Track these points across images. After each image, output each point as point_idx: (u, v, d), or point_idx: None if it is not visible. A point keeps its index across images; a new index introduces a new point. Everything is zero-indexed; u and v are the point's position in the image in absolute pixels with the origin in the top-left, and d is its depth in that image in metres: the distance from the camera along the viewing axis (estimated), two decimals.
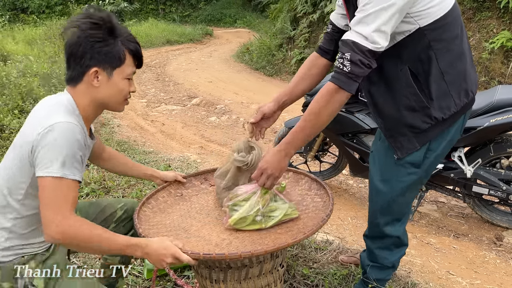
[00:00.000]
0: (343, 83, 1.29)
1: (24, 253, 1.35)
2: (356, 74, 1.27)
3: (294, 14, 8.57)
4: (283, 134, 3.32)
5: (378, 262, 1.83)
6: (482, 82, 5.19)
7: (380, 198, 1.68)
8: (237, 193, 1.55)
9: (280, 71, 8.50)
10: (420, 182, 1.63)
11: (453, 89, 1.44)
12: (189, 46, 13.54)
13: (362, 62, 1.26)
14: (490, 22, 5.25)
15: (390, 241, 1.76)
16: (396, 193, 1.62)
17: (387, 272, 1.85)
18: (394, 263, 1.83)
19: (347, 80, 1.29)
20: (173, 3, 21.05)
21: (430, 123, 1.46)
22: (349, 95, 1.32)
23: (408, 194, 1.64)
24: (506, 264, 2.37)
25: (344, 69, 1.28)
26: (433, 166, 1.59)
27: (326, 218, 1.47)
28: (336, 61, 1.32)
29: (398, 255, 1.82)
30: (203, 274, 1.56)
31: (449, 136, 1.52)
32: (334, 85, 1.31)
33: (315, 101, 1.35)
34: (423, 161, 1.54)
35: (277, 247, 1.31)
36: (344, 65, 1.27)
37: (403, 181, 1.59)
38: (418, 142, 1.50)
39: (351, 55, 1.25)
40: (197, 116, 5.84)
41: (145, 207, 1.70)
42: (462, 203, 3.00)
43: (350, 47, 1.26)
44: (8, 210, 1.32)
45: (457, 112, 1.47)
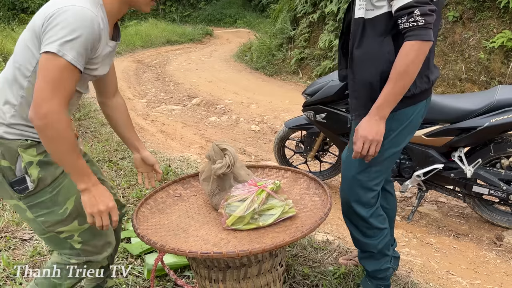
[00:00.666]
0: (424, 35, 1.36)
1: (28, 137, 1.33)
2: (430, 22, 1.36)
3: (294, 14, 8.57)
4: (283, 134, 3.32)
5: (363, 249, 1.85)
6: (482, 82, 5.19)
7: (344, 174, 1.74)
8: (233, 194, 1.55)
9: (280, 71, 8.50)
10: (375, 167, 1.65)
11: (420, 72, 1.49)
12: (189, 46, 13.55)
13: (431, 10, 1.35)
14: (490, 22, 5.25)
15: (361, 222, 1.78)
16: (352, 172, 1.69)
17: (380, 262, 1.84)
18: (379, 248, 1.81)
19: (426, 31, 1.36)
20: (173, 3, 21.06)
21: None
22: (431, 43, 1.40)
23: (361, 177, 1.67)
24: (506, 264, 2.36)
25: (419, 23, 1.35)
26: (391, 150, 1.62)
27: (324, 216, 1.46)
28: (404, 23, 1.37)
29: (376, 240, 1.81)
30: (202, 274, 1.55)
31: (407, 119, 1.58)
32: (416, 41, 1.37)
33: (400, 60, 1.40)
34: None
35: (275, 246, 1.31)
36: (417, 20, 1.35)
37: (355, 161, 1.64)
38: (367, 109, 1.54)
39: (420, 10, 1.34)
40: (197, 116, 5.83)
41: (144, 207, 1.70)
42: (462, 203, 2.99)
43: (413, 6, 1.34)
44: (16, 87, 1.31)
45: (415, 94, 1.54)
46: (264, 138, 4.80)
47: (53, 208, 1.38)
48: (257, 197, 1.50)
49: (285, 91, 7.00)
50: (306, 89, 3.00)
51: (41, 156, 1.35)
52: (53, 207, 1.38)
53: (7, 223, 2.65)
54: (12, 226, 2.63)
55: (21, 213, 1.40)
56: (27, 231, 2.59)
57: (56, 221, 1.39)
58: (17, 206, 1.39)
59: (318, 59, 7.69)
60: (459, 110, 2.42)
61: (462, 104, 2.44)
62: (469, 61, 5.39)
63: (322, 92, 2.81)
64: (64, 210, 1.39)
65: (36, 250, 2.38)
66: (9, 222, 2.65)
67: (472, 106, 2.41)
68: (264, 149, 4.42)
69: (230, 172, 1.65)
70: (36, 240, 2.50)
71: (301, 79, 7.84)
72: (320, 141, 3.21)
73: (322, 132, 3.06)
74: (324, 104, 2.83)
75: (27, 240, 2.52)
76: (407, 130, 1.62)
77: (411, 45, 1.38)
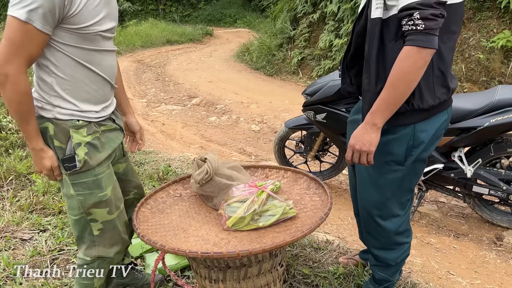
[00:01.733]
0: (423, 41, 1.28)
1: (80, 118, 1.43)
2: (432, 27, 1.27)
3: (294, 14, 8.57)
4: (283, 134, 3.32)
5: (379, 260, 1.82)
6: (482, 82, 5.19)
7: (372, 197, 1.67)
8: (233, 195, 1.55)
9: (280, 71, 8.50)
10: (409, 181, 1.61)
11: (436, 82, 1.44)
12: (189, 46, 13.54)
13: (434, 14, 1.26)
14: (490, 22, 5.25)
15: (387, 236, 1.73)
16: (387, 194, 1.62)
17: (394, 274, 1.82)
18: (398, 261, 1.79)
19: (426, 37, 1.28)
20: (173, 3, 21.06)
21: (405, 108, 1.44)
22: (433, 51, 1.31)
23: (398, 193, 1.63)
24: (506, 264, 2.36)
25: (419, 28, 1.27)
26: (420, 164, 1.58)
27: (324, 216, 1.46)
28: (405, 26, 1.30)
29: (397, 254, 1.78)
30: (202, 274, 1.55)
31: (433, 129, 1.51)
32: (413, 47, 1.29)
33: (396, 66, 1.34)
34: (406, 159, 1.54)
35: (275, 246, 1.30)
36: (416, 24, 1.27)
37: (389, 179, 1.59)
38: (387, 123, 1.46)
39: (420, 13, 1.26)
40: (197, 116, 5.83)
41: (144, 207, 1.70)
42: (462, 203, 2.99)
43: (415, 8, 1.26)
44: (42, 72, 1.38)
45: (435, 106, 1.46)
46: (264, 138, 4.80)
47: (95, 190, 1.49)
48: (257, 198, 1.50)
49: (285, 91, 7.00)
50: (306, 89, 3.00)
51: (90, 138, 1.45)
52: (95, 189, 1.49)
53: (7, 223, 2.65)
54: (12, 226, 2.63)
55: (66, 188, 1.49)
56: (27, 231, 2.59)
57: (93, 203, 1.49)
58: (64, 181, 1.49)
59: (318, 59, 7.69)
60: (459, 110, 2.42)
61: (462, 104, 2.44)
62: (469, 61, 5.39)
63: (322, 92, 2.81)
64: (104, 194, 1.51)
65: (36, 250, 2.38)
66: (9, 222, 2.65)
67: (472, 106, 2.41)
68: (264, 149, 4.42)
69: (213, 175, 1.68)
70: (36, 240, 2.50)
71: (301, 79, 7.84)
72: (320, 141, 3.21)
73: (322, 132, 3.06)
74: (324, 104, 2.83)
75: (27, 240, 2.52)
76: (431, 145, 1.55)
77: (407, 50, 1.30)
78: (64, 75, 1.38)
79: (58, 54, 1.35)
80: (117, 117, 1.64)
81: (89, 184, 1.48)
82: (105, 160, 1.52)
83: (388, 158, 1.55)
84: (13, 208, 2.82)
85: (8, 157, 3.62)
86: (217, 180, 1.68)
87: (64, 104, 1.40)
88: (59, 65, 1.36)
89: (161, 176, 3.34)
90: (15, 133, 4.13)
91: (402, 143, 1.51)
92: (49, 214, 2.79)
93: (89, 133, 1.45)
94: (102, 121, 1.52)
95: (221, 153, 4.34)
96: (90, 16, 1.33)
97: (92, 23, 1.35)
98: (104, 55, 1.46)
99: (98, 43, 1.41)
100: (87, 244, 1.59)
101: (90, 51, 1.40)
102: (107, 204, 1.53)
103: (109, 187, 1.53)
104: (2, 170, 3.30)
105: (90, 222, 1.53)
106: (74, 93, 1.41)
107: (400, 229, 1.70)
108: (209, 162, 1.69)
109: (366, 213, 1.72)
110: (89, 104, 1.45)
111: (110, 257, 1.63)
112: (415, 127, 1.49)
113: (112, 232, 1.59)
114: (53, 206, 2.84)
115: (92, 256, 1.59)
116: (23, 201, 2.91)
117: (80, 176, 1.46)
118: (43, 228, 2.63)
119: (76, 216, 1.52)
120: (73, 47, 1.35)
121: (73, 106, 1.41)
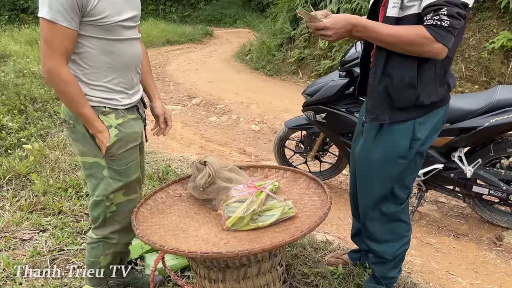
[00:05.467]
0: (442, 37, 1.31)
1: (106, 105, 1.54)
2: (455, 26, 1.30)
3: (294, 14, 8.56)
4: (283, 134, 3.32)
5: (377, 255, 1.83)
6: (482, 82, 5.19)
7: (375, 190, 1.71)
8: (232, 195, 1.55)
9: (280, 71, 8.49)
10: (409, 174, 1.66)
11: (438, 79, 1.50)
12: (189, 46, 13.54)
13: (460, 14, 1.29)
14: (490, 22, 5.24)
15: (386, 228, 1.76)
16: (388, 187, 1.67)
17: (392, 270, 1.84)
18: (396, 255, 1.80)
19: (446, 34, 1.31)
20: (173, 3, 21.05)
21: (409, 103, 1.50)
22: (446, 49, 1.34)
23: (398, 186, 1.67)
24: (506, 264, 2.36)
25: (443, 24, 1.29)
26: (419, 157, 1.63)
27: (323, 216, 1.46)
28: (429, 20, 1.32)
29: (396, 246, 1.79)
30: (202, 274, 1.55)
31: (432, 124, 1.57)
32: (431, 36, 1.31)
33: (402, 31, 1.35)
34: (409, 152, 1.58)
35: (274, 245, 1.31)
36: (442, 20, 1.29)
37: (392, 172, 1.63)
38: (390, 117, 1.54)
39: (448, 10, 1.28)
40: (197, 116, 5.83)
41: (143, 207, 1.70)
42: (462, 203, 2.99)
43: (443, 4, 1.28)
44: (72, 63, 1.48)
45: (436, 102, 1.52)
46: (264, 138, 4.79)
47: (123, 178, 1.61)
48: (257, 198, 1.50)
49: (285, 91, 7.00)
50: (306, 89, 3.00)
51: (120, 121, 1.56)
52: (124, 177, 1.62)
53: (7, 223, 2.65)
54: (12, 226, 2.63)
55: (97, 169, 1.59)
56: (27, 231, 2.59)
57: (118, 187, 1.61)
58: (96, 164, 1.59)
59: (318, 59, 7.68)
60: (459, 110, 2.42)
61: (462, 104, 2.44)
62: (469, 61, 5.39)
63: (322, 92, 2.81)
64: (129, 182, 1.64)
65: (36, 250, 2.38)
66: (9, 222, 2.65)
67: (472, 106, 2.41)
68: (264, 149, 4.42)
69: (215, 178, 1.69)
70: (36, 240, 2.50)
71: (301, 79, 7.83)
72: (320, 141, 3.21)
73: (322, 132, 3.06)
74: (324, 104, 2.83)
75: (27, 240, 2.52)
76: (430, 138, 1.61)
77: (424, 33, 1.32)
78: (89, 66, 1.48)
79: (83, 47, 1.45)
80: (140, 107, 1.73)
81: (120, 171, 1.60)
82: (134, 148, 1.63)
83: (393, 151, 1.60)
84: (13, 208, 2.82)
85: (8, 157, 3.62)
86: (218, 183, 1.68)
87: (91, 93, 1.51)
88: (84, 57, 1.46)
89: (161, 176, 3.34)
90: (15, 133, 4.13)
91: (405, 136, 1.56)
92: (49, 214, 2.79)
93: (118, 118, 1.56)
94: (128, 109, 1.61)
95: (221, 153, 4.34)
96: (108, 7, 1.41)
97: (110, 13, 1.42)
98: (126, 44, 1.53)
99: (120, 32, 1.49)
100: (99, 223, 1.69)
101: (112, 41, 1.48)
102: (125, 187, 1.64)
103: (135, 175, 1.66)
104: (2, 170, 3.30)
105: (108, 205, 1.64)
106: (100, 82, 1.51)
107: (400, 220, 1.75)
108: (210, 165, 1.69)
109: (367, 206, 1.75)
110: (114, 93, 1.55)
111: (114, 242, 1.71)
112: (415, 121, 1.54)
113: (124, 214, 1.68)
114: (53, 206, 2.83)
115: (99, 235, 1.70)
116: (23, 201, 2.91)
117: (116, 161, 1.58)
118: (43, 228, 2.63)
119: (98, 197, 1.62)
120: (95, 38, 1.44)
121: (100, 94, 1.52)
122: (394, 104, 1.52)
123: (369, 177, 1.71)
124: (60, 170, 3.35)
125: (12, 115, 4.50)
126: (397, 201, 1.71)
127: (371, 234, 1.82)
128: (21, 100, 4.92)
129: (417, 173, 1.72)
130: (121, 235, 1.73)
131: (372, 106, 1.58)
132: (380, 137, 1.61)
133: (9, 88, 5.05)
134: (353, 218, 2.08)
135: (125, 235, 1.75)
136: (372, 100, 1.57)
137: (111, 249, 1.74)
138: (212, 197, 1.69)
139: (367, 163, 1.69)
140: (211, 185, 1.68)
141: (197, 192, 1.72)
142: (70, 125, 1.57)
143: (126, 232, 1.74)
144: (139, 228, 1.51)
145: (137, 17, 1.58)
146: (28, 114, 4.68)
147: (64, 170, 3.38)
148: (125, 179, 1.62)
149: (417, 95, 1.48)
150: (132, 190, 1.68)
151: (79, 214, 2.78)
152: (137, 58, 1.61)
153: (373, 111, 1.57)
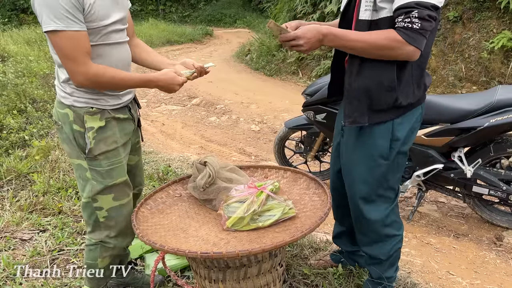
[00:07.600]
0: (414, 39, 1.32)
1: (93, 105, 1.53)
2: (426, 29, 1.31)
3: (294, 14, 8.56)
4: (283, 134, 3.32)
5: (371, 256, 1.83)
6: (482, 82, 5.19)
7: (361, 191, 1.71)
8: (232, 195, 1.55)
9: (280, 71, 8.49)
10: (393, 175, 1.66)
11: (415, 80, 1.51)
12: (189, 46, 13.53)
13: (431, 16, 1.31)
14: (490, 22, 5.25)
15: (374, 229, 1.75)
16: (373, 188, 1.67)
17: (387, 270, 1.83)
18: (390, 254, 1.80)
19: (418, 36, 1.32)
20: (173, 3, 21.03)
21: (387, 105, 1.51)
22: (418, 52, 1.35)
23: (382, 187, 1.68)
24: (506, 264, 2.36)
25: (414, 26, 1.30)
26: (401, 157, 1.64)
27: (324, 216, 1.46)
28: (400, 23, 1.33)
29: (388, 246, 1.79)
30: (202, 274, 1.55)
31: (410, 124, 1.58)
32: (402, 39, 1.33)
33: (373, 36, 1.36)
34: (390, 152, 1.60)
35: (274, 245, 1.31)
36: (413, 22, 1.30)
37: (375, 173, 1.64)
38: (369, 120, 1.55)
39: (418, 12, 1.29)
40: (197, 116, 5.83)
41: (143, 207, 1.69)
42: (462, 203, 2.99)
43: (413, 7, 1.29)
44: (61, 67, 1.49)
45: (413, 103, 1.54)
46: (264, 138, 4.79)
47: (106, 179, 1.59)
48: (257, 198, 1.50)
49: (285, 91, 7.00)
50: (306, 89, 3.00)
51: (102, 123, 1.55)
52: (107, 178, 1.59)
53: (7, 223, 2.65)
54: (12, 226, 2.63)
55: (81, 171, 1.60)
56: (27, 231, 2.60)
57: (101, 189, 1.59)
58: (80, 165, 1.59)
59: (318, 59, 7.68)
60: (459, 110, 2.42)
61: (462, 104, 2.44)
62: (469, 61, 5.39)
63: (322, 92, 2.81)
64: (113, 184, 1.61)
65: (36, 250, 2.38)
66: (9, 222, 2.65)
67: (472, 106, 2.41)
68: (264, 149, 4.42)
69: (216, 178, 1.69)
70: (36, 240, 2.50)
71: (301, 79, 7.83)
72: (320, 141, 3.21)
73: (322, 132, 3.06)
74: (324, 104, 2.83)
75: (27, 240, 2.52)
76: (410, 138, 1.62)
77: (394, 36, 1.33)
78: None
79: None
80: (133, 107, 1.71)
81: (102, 172, 1.58)
82: (118, 149, 1.60)
83: (374, 153, 1.61)
84: (13, 208, 2.82)
85: (8, 157, 3.62)
86: (218, 183, 1.68)
87: (79, 93, 1.51)
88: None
89: (161, 176, 3.34)
90: (16, 133, 4.13)
91: (385, 137, 1.58)
92: (49, 214, 2.79)
93: (102, 119, 1.55)
94: (117, 109, 1.60)
95: (221, 153, 4.34)
96: (98, 9, 1.41)
97: (98, 16, 1.41)
98: (113, 47, 1.53)
99: (108, 37, 1.49)
100: (91, 227, 1.69)
101: (100, 46, 1.47)
102: (111, 191, 1.62)
103: (121, 178, 1.64)
104: (2, 170, 3.30)
105: (95, 208, 1.63)
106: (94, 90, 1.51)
107: (387, 221, 1.74)
108: (210, 165, 1.69)
109: (355, 208, 1.76)
110: (102, 93, 1.54)
111: (111, 246, 1.71)
112: (394, 122, 1.56)
113: (117, 219, 1.67)
114: (53, 206, 2.83)
115: (95, 239, 1.70)
116: (23, 201, 2.91)
117: (96, 162, 1.57)
118: (43, 228, 2.63)
119: (86, 199, 1.63)
120: None
121: (88, 95, 1.52)
122: (372, 107, 1.53)
123: (354, 180, 1.71)
124: (60, 170, 3.35)
125: (12, 115, 4.49)
126: (385, 202, 1.71)
127: (362, 236, 1.82)
128: (21, 100, 4.91)
129: (402, 173, 1.72)
130: (118, 240, 1.72)
131: (349, 110, 1.58)
132: (361, 140, 1.63)
133: (9, 88, 5.05)
134: (335, 221, 2.10)
135: (122, 239, 1.74)
136: (350, 104, 1.57)
137: (108, 252, 1.74)
138: (212, 198, 1.69)
139: (351, 167, 1.71)
140: (211, 186, 1.68)
141: (197, 192, 1.72)
142: (59, 126, 1.58)
143: (123, 237, 1.74)
144: (139, 228, 1.51)
145: (124, 19, 1.57)
146: (28, 114, 4.68)
147: (64, 170, 3.38)
148: (109, 181, 1.60)
149: (396, 97, 1.49)
150: (122, 194, 1.66)
151: (79, 214, 2.78)
152: (125, 61, 1.61)
153: (351, 115, 1.57)
